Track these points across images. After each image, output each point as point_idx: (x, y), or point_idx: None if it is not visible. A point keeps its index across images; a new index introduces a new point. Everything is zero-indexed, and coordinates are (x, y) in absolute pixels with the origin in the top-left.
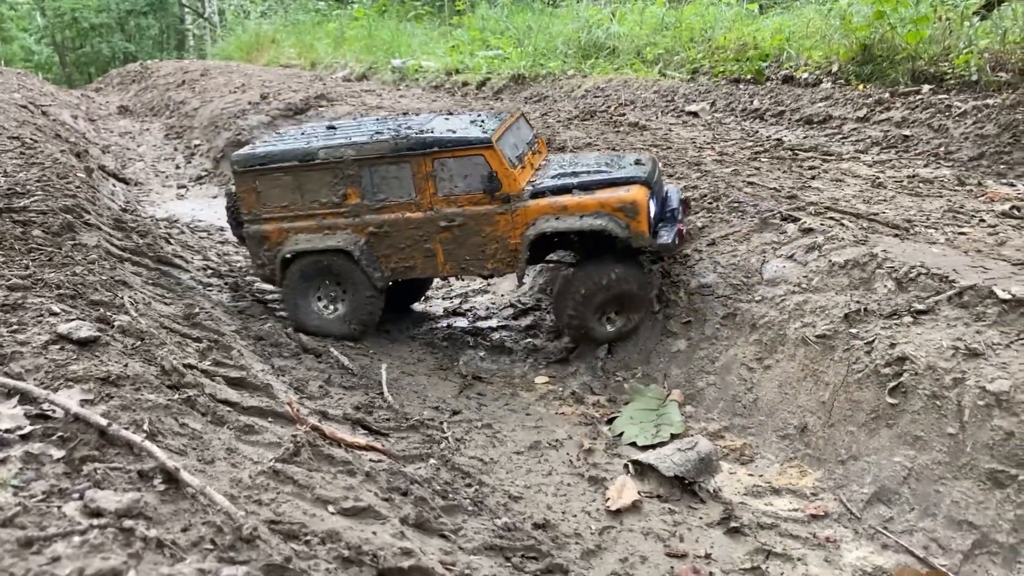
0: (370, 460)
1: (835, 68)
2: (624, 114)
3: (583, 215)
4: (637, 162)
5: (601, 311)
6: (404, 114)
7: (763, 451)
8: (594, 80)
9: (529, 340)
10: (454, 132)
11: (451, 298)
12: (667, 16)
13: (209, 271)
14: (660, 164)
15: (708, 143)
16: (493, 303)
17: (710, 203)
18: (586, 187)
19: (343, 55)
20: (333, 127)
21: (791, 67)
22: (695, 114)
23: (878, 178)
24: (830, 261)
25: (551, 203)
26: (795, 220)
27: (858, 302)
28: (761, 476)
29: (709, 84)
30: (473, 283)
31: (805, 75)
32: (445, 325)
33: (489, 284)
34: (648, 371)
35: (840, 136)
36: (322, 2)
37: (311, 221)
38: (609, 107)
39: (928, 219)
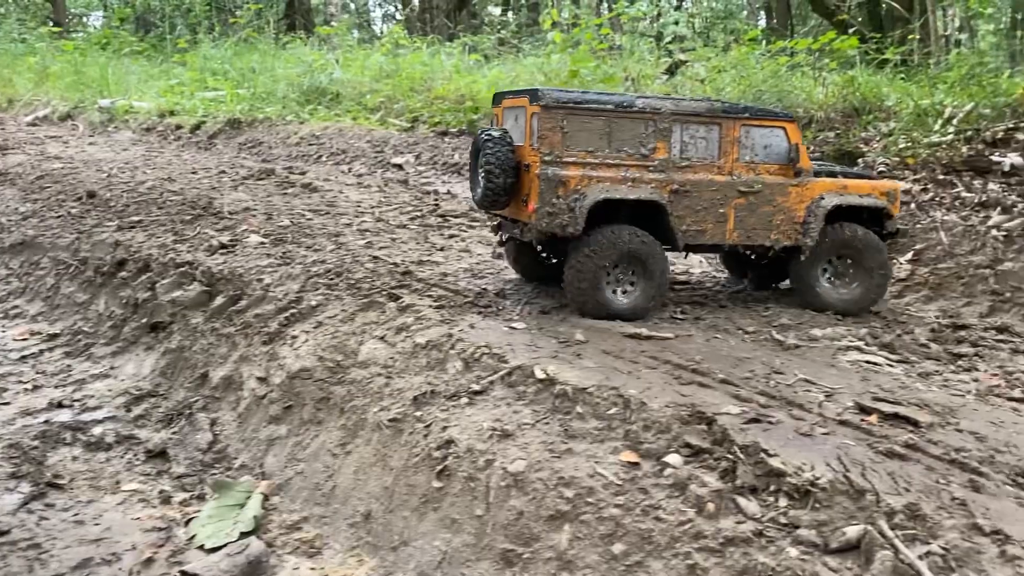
0: None
1: None
2: (304, 173)
3: (861, 195)
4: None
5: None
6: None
7: (332, 541)
8: (311, 127)
9: (135, 431)
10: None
11: (64, 385)
12: (388, 64)
13: None
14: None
15: (373, 207)
16: (110, 389)
17: (331, 279)
18: (847, 175)
19: (46, 92)
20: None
21: None
22: (400, 166)
23: None
24: (415, 342)
25: (833, 182)
26: (397, 298)
27: (429, 383)
28: (322, 569)
29: (420, 135)
30: (96, 367)
31: None
32: (43, 420)
33: (112, 368)
34: (246, 461)
35: None
36: (36, 30)
37: (614, 172)
38: (291, 167)
39: (519, 293)
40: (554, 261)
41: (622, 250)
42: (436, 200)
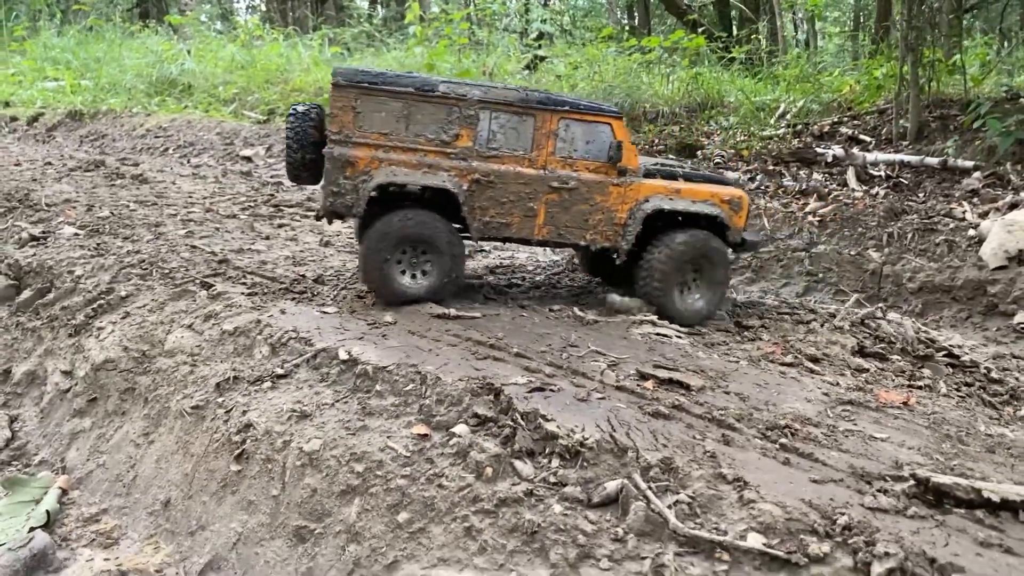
0: None
1: None
2: (137, 164)
3: (695, 201)
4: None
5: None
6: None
7: (130, 531)
8: (158, 119)
9: None
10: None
11: None
12: (243, 55)
13: None
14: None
15: (205, 198)
16: None
17: (144, 269)
18: (690, 178)
19: None
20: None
21: None
22: (249, 159)
23: (339, 234)
24: (222, 329)
25: (665, 185)
26: (209, 286)
27: (234, 369)
28: (116, 559)
29: (273, 128)
30: None
31: None
32: None
33: None
34: (47, 456)
35: None
36: None
37: (410, 156)
38: (125, 159)
39: (338, 279)
40: None
41: (401, 235)
42: (272, 191)
